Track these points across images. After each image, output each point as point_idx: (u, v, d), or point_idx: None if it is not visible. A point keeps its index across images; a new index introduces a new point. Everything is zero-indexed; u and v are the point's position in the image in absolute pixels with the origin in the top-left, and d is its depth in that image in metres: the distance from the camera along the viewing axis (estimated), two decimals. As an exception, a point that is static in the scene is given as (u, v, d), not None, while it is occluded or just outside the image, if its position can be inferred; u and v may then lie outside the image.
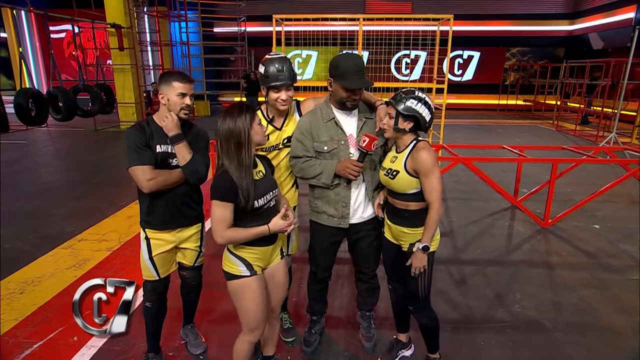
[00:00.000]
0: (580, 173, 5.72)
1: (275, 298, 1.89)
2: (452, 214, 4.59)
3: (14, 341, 2.35)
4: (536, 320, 2.62)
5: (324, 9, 14.33)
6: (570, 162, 4.62)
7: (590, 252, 3.64)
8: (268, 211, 1.72)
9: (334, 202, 2.04)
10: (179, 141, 1.88)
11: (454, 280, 3.16)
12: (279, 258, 1.85)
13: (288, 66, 1.94)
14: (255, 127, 1.65)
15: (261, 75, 1.96)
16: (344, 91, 1.90)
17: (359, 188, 2.04)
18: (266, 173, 1.77)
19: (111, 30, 10.33)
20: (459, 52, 15.89)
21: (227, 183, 1.62)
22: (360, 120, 2.01)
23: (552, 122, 12.06)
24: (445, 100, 6.25)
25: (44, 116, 7.48)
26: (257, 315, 1.74)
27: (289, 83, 1.94)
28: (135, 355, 2.24)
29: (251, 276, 1.73)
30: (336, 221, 2.07)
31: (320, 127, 1.99)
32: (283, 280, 1.89)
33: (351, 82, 1.88)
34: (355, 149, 1.98)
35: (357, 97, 1.95)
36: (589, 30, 14.08)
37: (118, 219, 4.31)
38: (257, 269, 1.75)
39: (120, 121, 11.10)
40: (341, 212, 2.05)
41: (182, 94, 1.88)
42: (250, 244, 1.71)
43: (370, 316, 2.41)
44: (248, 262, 1.72)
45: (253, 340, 1.80)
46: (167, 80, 1.88)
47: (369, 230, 2.12)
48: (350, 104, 1.96)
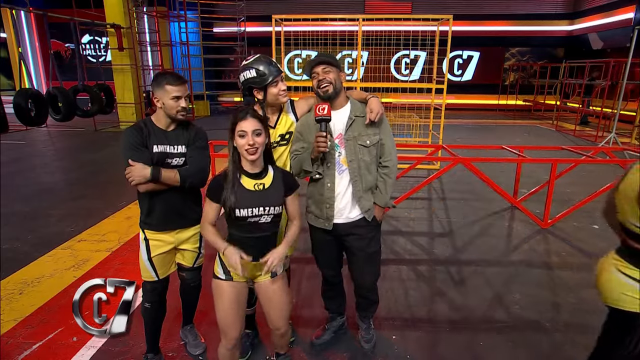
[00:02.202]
0: (579, 173, 5.72)
1: (271, 315, 1.85)
2: (451, 214, 4.60)
3: (13, 342, 2.35)
4: (535, 321, 2.63)
5: (324, 9, 14.33)
6: (570, 162, 4.63)
7: (590, 252, 3.64)
8: (257, 225, 1.69)
9: (319, 203, 2.03)
10: (157, 174, 1.83)
11: (453, 280, 3.16)
12: (269, 276, 1.79)
13: (272, 60, 1.98)
14: (237, 140, 1.65)
15: (253, 78, 1.93)
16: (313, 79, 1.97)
17: (346, 188, 2.01)
18: (269, 188, 1.71)
19: (110, 30, 10.33)
20: (459, 52, 15.89)
21: (216, 184, 1.69)
22: (350, 119, 1.98)
23: (552, 122, 12.07)
24: (445, 101, 6.26)
25: (43, 116, 7.48)
26: (225, 319, 1.76)
27: (281, 72, 1.97)
28: (135, 355, 2.24)
29: (226, 280, 1.74)
30: (321, 222, 2.06)
31: (310, 128, 1.99)
32: (276, 298, 1.81)
33: (309, 63, 1.96)
34: (342, 147, 1.98)
35: (324, 79, 1.93)
36: (589, 31, 14.08)
37: (117, 220, 4.31)
38: (235, 276, 1.74)
39: (120, 121, 11.09)
40: (325, 213, 2.03)
41: (177, 97, 1.86)
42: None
43: (370, 317, 2.40)
44: (225, 267, 1.74)
45: (227, 345, 1.81)
46: (160, 84, 1.86)
47: (360, 234, 2.05)
48: (322, 92, 1.95)
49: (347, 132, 1.97)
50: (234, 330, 1.78)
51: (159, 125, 1.94)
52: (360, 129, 1.97)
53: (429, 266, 3.40)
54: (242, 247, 1.69)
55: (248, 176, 1.69)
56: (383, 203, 2.04)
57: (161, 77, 1.89)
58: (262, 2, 14.65)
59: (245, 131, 1.61)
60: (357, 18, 6.10)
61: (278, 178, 1.75)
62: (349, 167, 1.98)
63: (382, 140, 2.01)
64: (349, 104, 2.03)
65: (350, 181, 2.00)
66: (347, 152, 1.97)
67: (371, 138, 1.98)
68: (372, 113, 1.95)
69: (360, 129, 1.97)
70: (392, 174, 2.04)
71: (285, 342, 2.01)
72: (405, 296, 2.91)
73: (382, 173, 2.04)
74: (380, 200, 2.04)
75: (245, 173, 1.69)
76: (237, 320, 1.79)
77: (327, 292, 2.37)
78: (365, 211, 2.02)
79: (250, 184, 1.68)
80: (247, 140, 1.61)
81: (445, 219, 4.46)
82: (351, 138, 1.97)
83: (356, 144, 1.97)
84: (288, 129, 2.07)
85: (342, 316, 2.45)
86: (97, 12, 10.30)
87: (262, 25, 13.69)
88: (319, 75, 1.95)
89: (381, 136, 2.00)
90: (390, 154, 2.03)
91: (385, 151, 2.02)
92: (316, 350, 2.32)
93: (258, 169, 1.70)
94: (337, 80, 1.96)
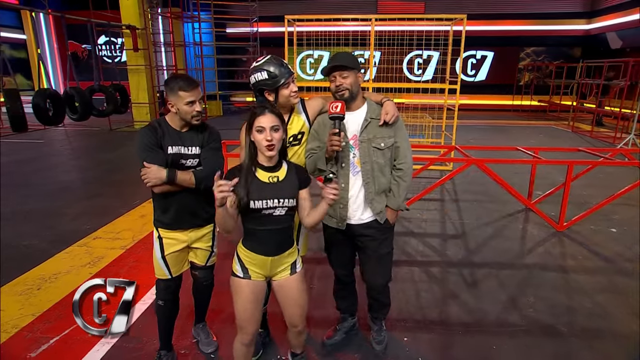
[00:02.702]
0: (596, 175, 5.61)
1: (289, 312, 1.86)
2: (464, 215, 4.55)
3: (32, 336, 2.41)
4: (550, 325, 2.58)
5: (337, 9, 14.31)
6: (587, 164, 4.53)
7: (607, 256, 3.56)
8: (272, 218, 1.70)
9: (333, 203, 2.03)
10: (173, 176, 1.86)
11: (466, 282, 3.13)
12: (288, 273, 1.81)
13: (283, 60, 1.97)
14: (255, 134, 1.67)
15: (264, 80, 1.91)
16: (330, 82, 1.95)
17: (360, 189, 2.00)
18: (283, 181, 1.73)
19: (126, 31, 10.50)
20: (472, 52, 15.70)
21: (234, 170, 1.71)
22: (366, 120, 1.97)
23: (568, 124, 11.85)
24: (458, 101, 6.20)
25: (60, 116, 7.64)
26: (244, 314, 1.78)
27: (292, 73, 1.96)
28: (148, 352, 2.27)
29: (243, 279, 1.75)
30: (335, 222, 2.06)
31: (326, 127, 1.98)
32: (294, 295, 1.82)
33: (325, 67, 1.95)
34: (357, 149, 1.97)
35: (341, 85, 1.92)
36: (607, 30, 13.77)
37: (132, 218, 4.38)
38: (253, 275, 1.76)
39: (135, 121, 11.26)
40: (339, 213, 2.03)
41: (191, 102, 1.87)
42: (248, 247, 1.75)
43: (382, 319, 2.39)
44: (243, 264, 1.76)
45: (243, 341, 1.83)
46: (173, 89, 1.86)
47: (372, 235, 2.04)
48: (338, 95, 1.94)
49: (361, 134, 1.96)
50: (252, 325, 1.81)
51: (173, 126, 1.96)
52: (375, 131, 1.96)
53: (441, 268, 3.37)
54: (257, 242, 1.73)
55: (263, 169, 1.72)
56: (396, 206, 2.03)
57: (173, 82, 1.88)
58: (275, 2, 14.71)
59: (264, 127, 1.63)
60: (369, 18, 6.08)
61: (292, 171, 1.77)
62: (361, 168, 1.97)
63: (397, 143, 1.99)
64: (366, 105, 2.02)
65: (363, 183, 1.99)
66: (360, 154, 1.97)
67: (386, 140, 1.96)
68: (388, 115, 1.93)
69: (375, 131, 1.96)
70: (406, 176, 2.02)
71: (302, 341, 2.02)
72: (417, 298, 2.89)
73: (396, 176, 2.02)
74: (393, 203, 2.03)
75: (261, 166, 1.72)
76: (255, 317, 1.81)
77: (339, 291, 2.37)
78: (377, 213, 2.02)
79: (265, 177, 1.71)
80: (265, 136, 1.63)
81: (458, 220, 4.42)
82: (365, 140, 1.96)
83: (370, 146, 1.96)
84: (300, 129, 2.07)
85: (353, 317, 2.45)
86: (113, 13, 10.48)
87: (275, 25, 13.72)
88: (336, 80, 1.93)
89: (396, 139, 1.99)
90: (405, 156, 2.01)
91: (400, 154, 2.01)
92: (327, 351, 2.32)
93: (273, 163, 1.73)
94: (354, 84, 1.94)
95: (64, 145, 8.94)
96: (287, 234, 1.79)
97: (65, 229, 4.07)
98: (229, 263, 1.84)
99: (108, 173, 6.48)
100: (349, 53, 2.01)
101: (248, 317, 1.79)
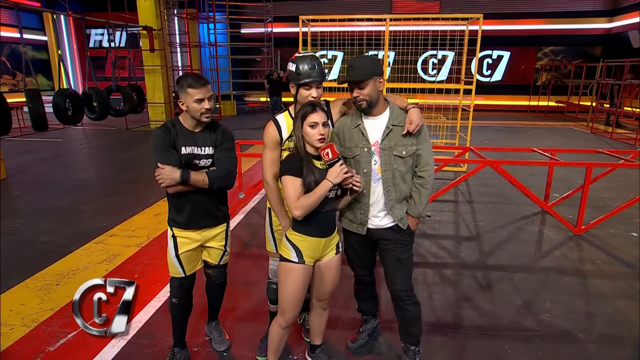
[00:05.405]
0: (616, 178, 5.45)
1: (325, 289, 1.98)
2: (479, 217, 4.49)
3: (51, 330, 2.47)
4: (567, 331, 2.53)
5: (351, 10, 14.27)
6: (606, 166, 4.42)
7: (627, 261, 3.47)
8: (326, 201, 1.81)
9: (354, 208, 2.02)
10: (186, 177, 1.87)
11: (480, 285, 3.09)
12: (334, 253, 1.93)
13: (319, 64, 1.95)
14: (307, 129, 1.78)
15: (291, 72, 1.95)
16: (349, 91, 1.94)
17: (380, 196, 1.98)
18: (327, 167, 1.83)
19: (143, 32, 10.68)
20: (488, 52, 15.47)
21: (291, 163, 1.81)
22: (388, 127, 1.93)
23: (587, 125, 11.58)
24: (473, 102, 6.12)
25: (79, 115, 7.80)
26: (291, 300, 1.87)
27: (320, 80, 1.95)
28: (162, 349, 2.31)
29: (298, 264, 1.83)
30: (355, 227, 2.06)
31: (348, 133, 1.98)
32: (334, 274, 1.96)
33: (341, 77, 1.94)
34: (378, 156, 1.95)
35: (358, 96, 1.89)
36: (629, 28, 13.40)
37: (147, 216, 4.45)
38: (307, 259, 1.84)
39: (150, 121, 11.44)
40: (359, 218, 2.02)
41: (199, 100, 1.87)
42: (303, 232, 1.83)
43: (415, 352, 2.18)
44: (299, 250, 1.84)
45: (283, 324, 1.92)
46: (183, 87, 1.88)
47: (393, 240, 2.02)
48: (357, 106, 1.93)
49: (382, 142, 1.93)
50: (296, 310, 1.91)
51: (187, 125, 1.97)
52: (397, 138, 1.92)
53: (455, 270, 3.33)
54: (315, 225, 1.83)
55: (314, 158, 1.84)
56: (417, 214, 2.00)
57: (183, 80, 1.90)
58: (290, 3, 14.77)
59: (317, 122, 1.77)
60: (384, 18, 6.05)
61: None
62: (382, 176, 1.95)
63: (419, 150, 1.95)
64: (388, 110, 1.97)
65: (384, 191, 1.97)
66: (382, 162, 1.94)
67: (407, 149, 1.93)
68: (412, 125, 1.89)
69: (397, 139, 1.92)
70: (427, 184, 1.98)
71: (324, 323, 2.11)
72: (430, 300, 2.87)
73: (417, 183, 1.99)
74: (413, 211, 2.00)
75: (312, 155, 1.84)
76: (301, 301, 1.91)
77: (361, 292, 2.36)
78: (398, 220, 2.00)
79: (318, 164, 1.83)
80: (318, 131, 1.77)
81: (472, 222, 4.36)
82: (387, 148, 1.92)
83: (391, 154, 1.93)
84: None
85: (375, 318, 2.45)
86: (131, 14, 10.68)
87: (289, 25, 13.80)
88: (353, 92, 1.91)
89: (418, 146, 1.95)
90: (427, 164, 1.97)
91: (421, 161, 1.97)
92: (345, 355, 2.31)
93: (318, 153, 1.83)
94: (373, 92, 1.89)
95: (82, 144, 9.14)
96: (334, 215, 1.93)
97: (83, 226, 4.16)
98: (241, 262, 1.87)
99: (124, 171, 6.60)
100: (366, 58, 1.95)
101: (296, 302, 1.88)
